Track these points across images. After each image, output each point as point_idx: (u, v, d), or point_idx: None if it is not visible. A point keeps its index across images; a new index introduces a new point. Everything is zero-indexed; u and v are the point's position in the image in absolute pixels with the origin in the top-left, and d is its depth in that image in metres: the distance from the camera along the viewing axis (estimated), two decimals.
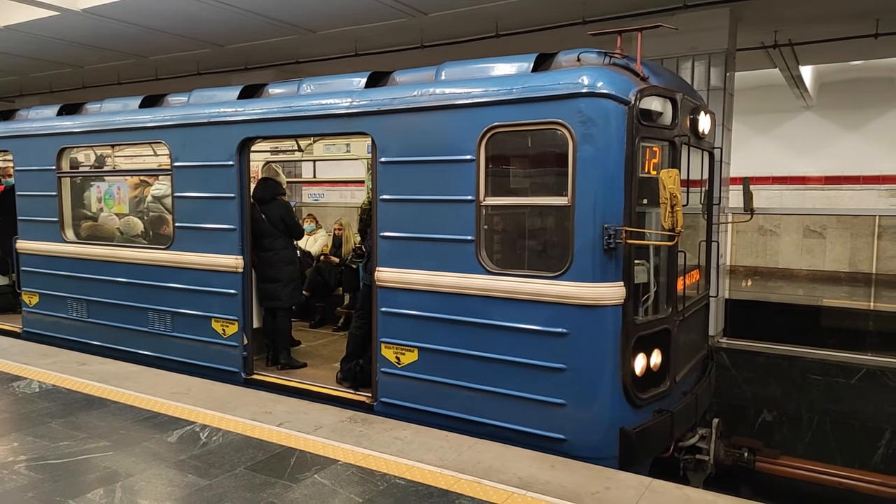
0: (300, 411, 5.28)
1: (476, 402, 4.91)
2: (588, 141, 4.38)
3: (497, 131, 4.73)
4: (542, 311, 4.60)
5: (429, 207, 5.03)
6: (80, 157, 8.12)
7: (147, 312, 6.74)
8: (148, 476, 4.14)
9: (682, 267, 5.10)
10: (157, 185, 7.45)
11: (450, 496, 3.87)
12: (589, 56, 4.73)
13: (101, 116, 7.20)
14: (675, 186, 4.06)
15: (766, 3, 7.98)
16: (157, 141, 6.73)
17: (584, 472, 4.22)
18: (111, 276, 7.02)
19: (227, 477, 4.12)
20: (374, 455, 4.43)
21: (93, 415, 5.24)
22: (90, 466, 4.30)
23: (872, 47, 10.50)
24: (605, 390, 4.53)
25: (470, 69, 5.10)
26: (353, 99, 5.36)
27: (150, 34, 10.24)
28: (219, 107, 6.19)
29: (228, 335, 6.19)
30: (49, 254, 7.61)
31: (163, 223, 7.34)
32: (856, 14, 8.78)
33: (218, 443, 4.67)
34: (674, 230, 4.14)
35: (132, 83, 13.63)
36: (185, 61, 12.08)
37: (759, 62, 11.65)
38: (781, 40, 10.00)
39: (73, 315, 7.42)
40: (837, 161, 16.28)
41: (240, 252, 6.08)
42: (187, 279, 6.43)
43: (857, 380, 7.10)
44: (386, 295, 5.28)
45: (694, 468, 5.39)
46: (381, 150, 5.22)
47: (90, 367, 6.54)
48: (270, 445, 4.61)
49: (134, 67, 12.76)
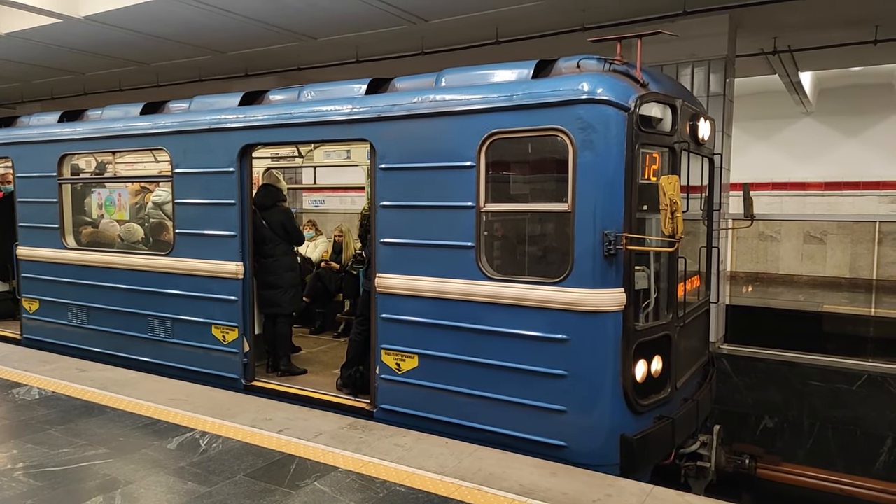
0: (300, 418, 5.27)
1: (476, 408, 4.89)
2: (588, 147, 4.38)
3: (497, 138, 4.72)
4: (542, 317, 4.58)
5: (429, 214, 5.02)
6: (81, 163, 8.14)
7: (147, 319, 6.73)
8: (147, 483, 4.13)
9: (683, 273, 5.10)
10: (158, 191, 7.46)
11: (451, 503, 3.85)
12: (589, 63, 4.74)
13: (102, 123, 7.21)
14: (674, 192, 4.06)
15: (765, 10, 8.01)
16: (157, 147, 6.74)
17: (585, 479, 4.20)
18: (112, 282, 7.02)
19: (227, 484, 4.11)
20: (374, 462, 4.42)
21: (92, 422, 5.23)
22: (89, 474, 4.28)
23: (871, 53, 10.56)
24: (606, 397, 4.51)
25: (470, 76, 5.11)
26: (354, 105, 5.37)
27: (151, 41, 10.29)
28: (219, 113, 6.20)
29: (229, 342, 6.18)
30: (50, 260, 7.61)
31: (163, 230, 7.35)
32: (855, 21, 8.82)
33: (218, 450, 4.65)
34: (674, 236, 4.14)
35: (134, 90, 13.68)
36: (186, 68, 12.12)
37: (759, 68, 11.70)
38: (781, 47, 10.05)
39: (74, 322, 7.41)
40: (837, 167, 16.29)
41: (240, 258, 6.09)
42: (188, 286, 6.42)
43: (858, 386, 7.09)
44: (386, 301, 5.27)
45: (695, 475, 5.37)
46: (381, 156, 5.23)
47: (90, 374, 6.53)
48: (270, 452, 4.60)
49: (135, 74, 12.81)
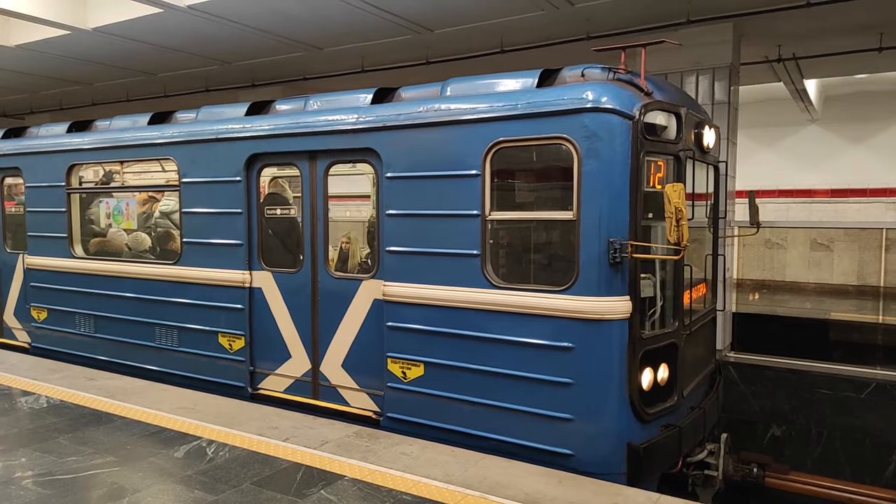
0: (306, 426, 5.28)
1: (482, 417, 4.88)
2: (593, 155, 4.39)
3: (502, 146, 4.75)
4: (547, 325, 4.58)
5: (435, 222, 5.04)
6: (90, 173, 8.21)
7: (154, 328, 6.76)
8: (154, 491, 4.14)
9: (689, 281, 5.08)
10: (165, 200, 7.51)
11: None
12: (593, 71, 4.75)
13: (110, 133, 7.27)
14: (680, 200, 4.06)
15: (769, 18, 8.03)
16: (165, 157, 6.80)
17: (591, 487, 4.19)
18: (119, 291, 7.06)
19: (234, 492, 4.12)
20: (380, 470, 4.42)
21: (100, 430, 5.25)
22: (97, 482, 4.30)
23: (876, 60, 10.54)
24: (612, 405, 4.49)
25: (475, 85, 5.14)
26: (359, 115, 5.41)
27: (158, 52, 10.39)
28: (226, 123, 6.24)
29: (235, 350, 6.20)
30: (58, 269, 7.67)
31: (170, 238, 7.40)
32: (859, 28, 8.81)
33: (224, 458, 4.66)
34: (679, 244, 4.14)
35: (141, 100, 13.80)
36: (193, 78, 12.22)
37: (764, 76, 11.69)
38: (785, 54, 10.05)
39: (82, 330, 7.46)
40: (844, 174, 16.25)
41: (247, 267, 6.11)
42: (195, 294, 6.45)
43: (866, 394, 7.05)
44: (392, 309, 5.30)
45: (702, 484, 5.34)
46: (387, 165, 5.25)
47: (97, 383, 6.56)
48: (277, 461, 4.61)
49: (143, 84, 12.92)
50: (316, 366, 5.83)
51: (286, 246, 6.42)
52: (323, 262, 5.76)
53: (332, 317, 5.72)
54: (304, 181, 5.80)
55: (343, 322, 5.65)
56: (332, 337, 5.71)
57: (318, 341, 5.81)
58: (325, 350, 5.76)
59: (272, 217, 6.31)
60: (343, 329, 5.65)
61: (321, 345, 5.79)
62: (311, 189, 5.78)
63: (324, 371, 5.79)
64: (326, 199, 5.73)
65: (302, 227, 5.89)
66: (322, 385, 5.82)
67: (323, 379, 5.81)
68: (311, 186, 5.77)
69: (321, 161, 5.71)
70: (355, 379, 5.64)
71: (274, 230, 6.38)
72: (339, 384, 5.72)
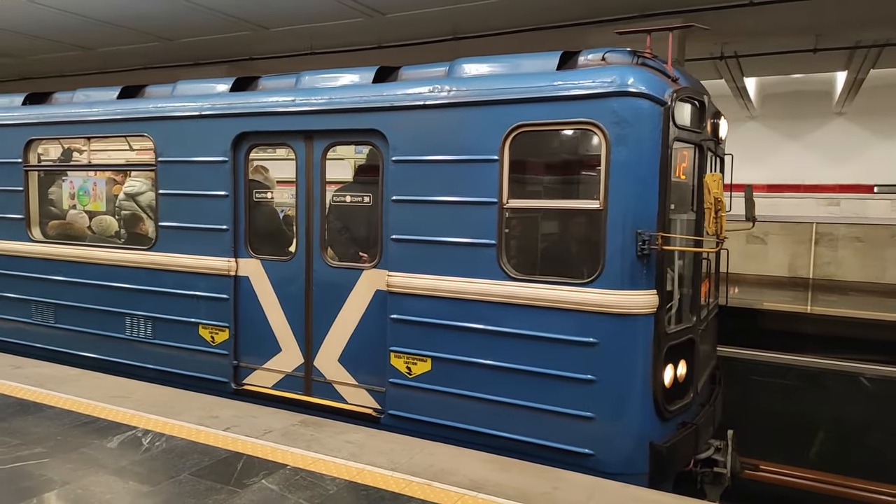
0: (249, 415, 5.16)
1: (495, 415, 4.65)
2: (622, 142, 4.17)
3: (523, 130, 4.48)
4: (569, 319, 4.36)
5: (446, 209, 4.75)
6: (51, 150, 7.62)
7: (125, 318, 6.30)
8: (86, 484, 3.98)
9: (707, 274, 4.94)
10: (130, 181, 6.96)
11: (401, 499, 3.84)
12: (615, 55, 4.49)
13: (75, 107, 6.70)
14: (719, 191, 3.98)
15: (716, 15, 8.24)
16: (139, 134, 6.27)
17: (534, 472, 4.25)
18: (84, 278, 6.53)
19: (171, 483, 3.99)
20: (324, 459, 4.37)
21: (28, 420, 5.00)
22: (24, 475, 4.09)
23: (811, 62, 11.00)
24: (636, 403, 4.31)
25: (490, 66, 4.84)
26: (363, 93, 5.06)
27: (95, 25, 9.92)
28: (211, 99, 5.80)
29: (218, 343, 5.83)
30: (13, 254, 7.06)
31: (138, 222, 6.90)
32: (798, 29, 9.17)
33: (161, 448, 4.52)
34: (718, 235, 4.06)
35: (77, 76, 13.17)
36: (133, 55, 11.74)
37: (707, 73, 12.04)
38: (728, 52, 10.36)
39: (39, 320, 6.90)
40: (780, 170, 16.88)
41: (232, 254, 5.74)
42: (172, 283, 6.01)
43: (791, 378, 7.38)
44: (396, 301, 4.99)
45: (712, 481, 5.14)
46: (394, 148, 4.92)
47: (25, 371, 6.25)
48: (217, 450, 4.48)
49: (79, 60, 12.32)
50: (309, 360, 5.48)
51: (277, 232, 6.06)
52: (319, 250, 5.39)
53: (329, 308, 5.35)
54: (300, 163, 5.41)
55: (341, 314, 5.30)
56: (329, 330, 5.36)
57: (312, 334, 5.46)
58: (319, 343, 5.41)
59: (262, 201, 5.89)
60: (340, 321, 5.31)
61: (315, 338, 5.43)
62: (307, 172, 5.39)
63: (318, 366, 5.45)
64: (324, 182, 5.34)
65: (297, 212, 5.47)
66: (316, 380, 5.46)
67: (317, 374, 5.46)
68: (308, 169, 5.39)
69: (318, 142, 5.31)
70: (353, 374, 5.32)
71: (263, 215, 5.98)
72: (335, 380, 5.39)
